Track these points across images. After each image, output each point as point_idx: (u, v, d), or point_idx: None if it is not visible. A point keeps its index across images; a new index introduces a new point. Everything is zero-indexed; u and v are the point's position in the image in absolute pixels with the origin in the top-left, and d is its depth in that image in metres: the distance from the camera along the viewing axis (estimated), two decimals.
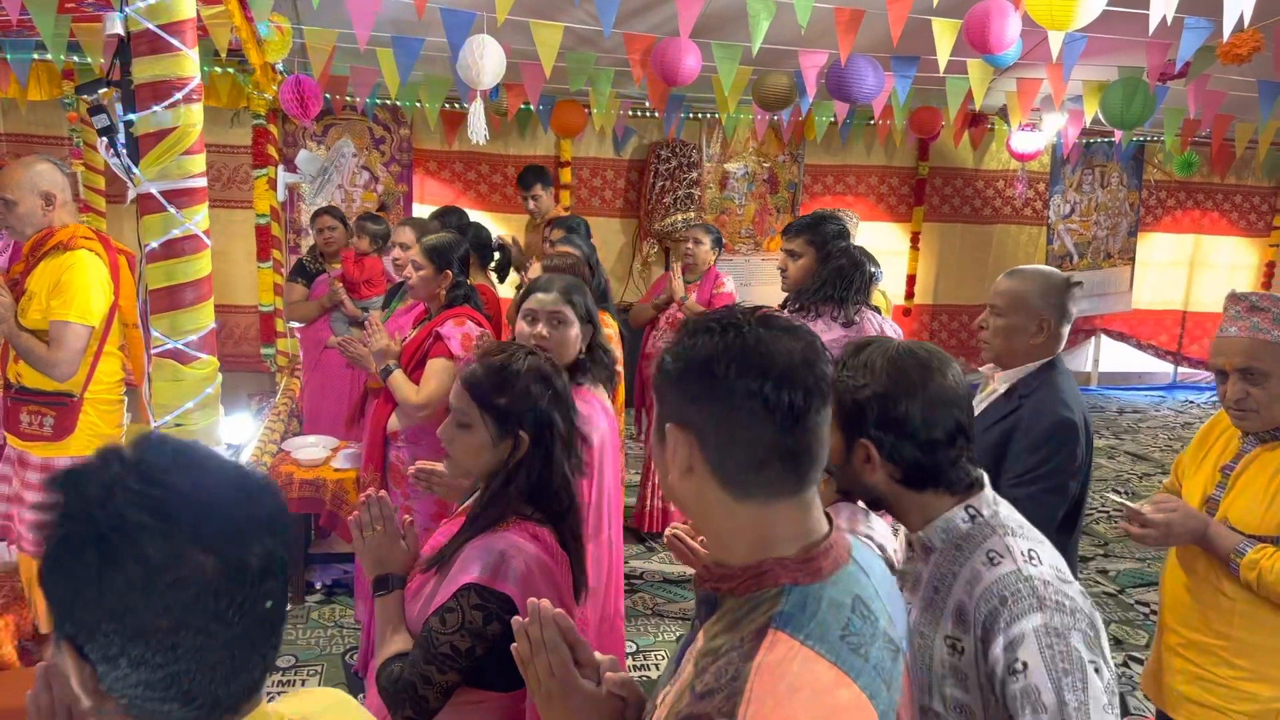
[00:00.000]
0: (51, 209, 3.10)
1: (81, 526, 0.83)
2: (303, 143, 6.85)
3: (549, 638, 1.23)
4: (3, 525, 3.25)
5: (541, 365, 1.85)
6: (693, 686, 1.00)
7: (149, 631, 0.83)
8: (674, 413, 1.07)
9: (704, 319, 1.09)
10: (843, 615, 1.03)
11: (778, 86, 5.48)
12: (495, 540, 1.72)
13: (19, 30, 5.07)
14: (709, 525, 1.09)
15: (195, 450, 0.91)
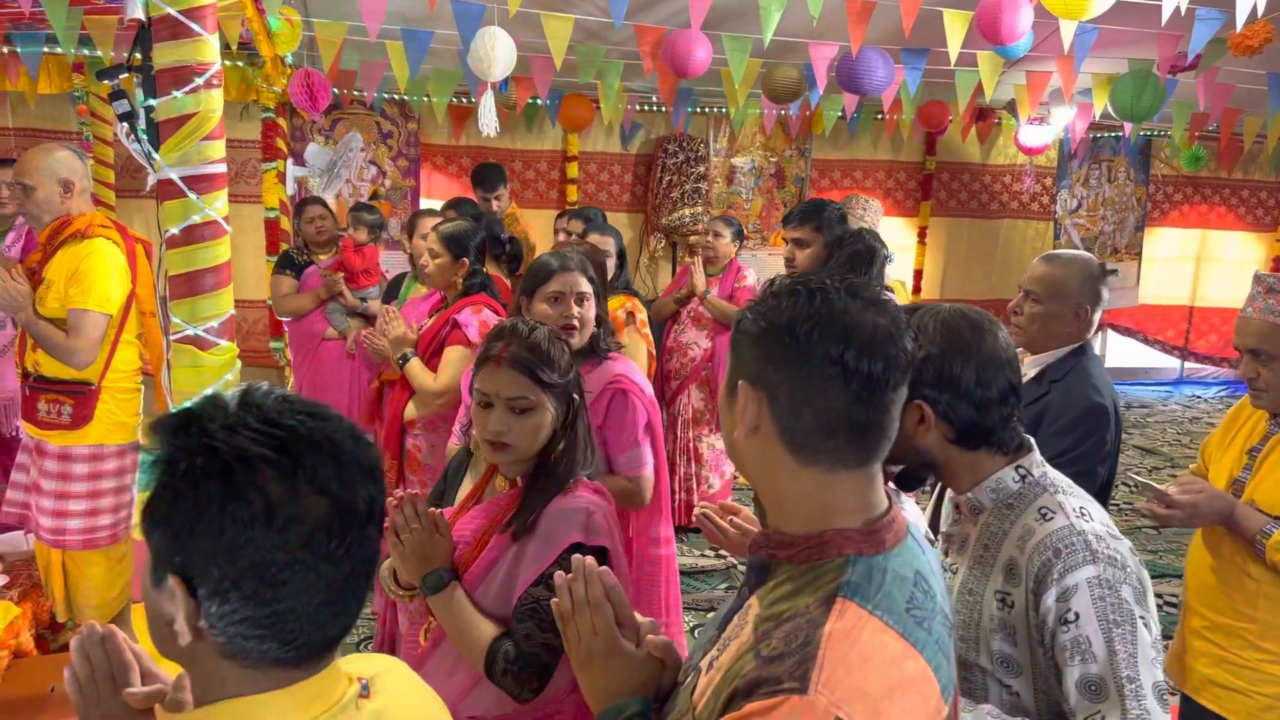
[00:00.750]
0: (69, 196, 3.10)
1: (206, 460, 0.86)
2: (310, 137, 6.85)
3: (593, 595, 1.24)
4: (21, 514, 3.25)
5: (552, 329, 1.95)
6: (757, 651, 0.99)
7: (263, 566, 0.86)
8: (747, 370, 1.07)
9: (791, 281, 1.09)
10: (906, 589, 1.03)
11: (787, 79, 5.48)
12: (573, 501, 1.81)
13: (29, 23, 5.07)
14: (770, 488, 1.09)
15: (300, 399, 0.95)
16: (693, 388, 5.00)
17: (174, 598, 0.88)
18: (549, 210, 7.45)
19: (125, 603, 3.38)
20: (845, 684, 0.92)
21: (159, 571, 0.89)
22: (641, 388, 2.56)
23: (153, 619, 0.93)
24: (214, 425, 0.88)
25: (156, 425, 0.90)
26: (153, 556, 0.90)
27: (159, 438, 0.89)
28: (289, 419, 0.90)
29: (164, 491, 0.88)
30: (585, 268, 2.53)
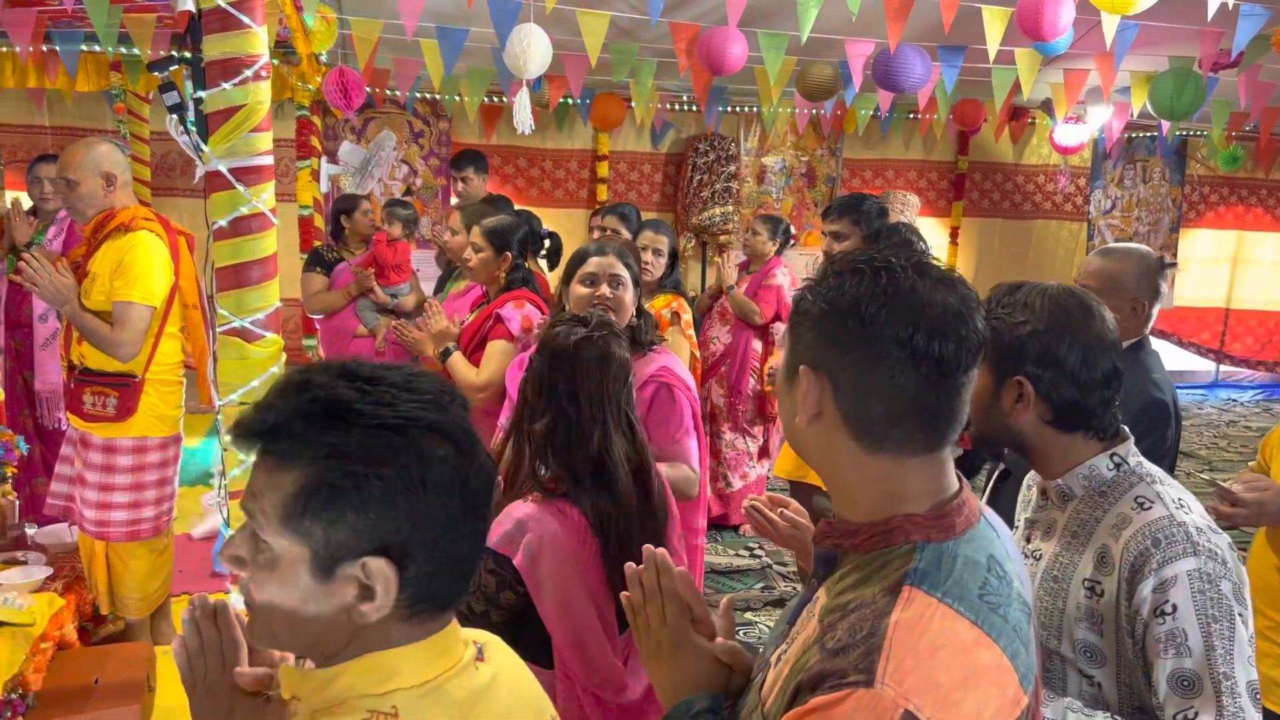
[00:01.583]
0: (112, 190, 3.12)
1: (387, 434, 0.89)
2: (343, 135, 6.88)
3: (665, 585, 1.21)
4: (65, 506, 3.27)
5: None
6: (822, 643, 0.96)
7: (446, 524, 0.92)
8: (808, 354, 1.02)
9: (853, 258, 1.03)
10: (979, 574, 0.98)
11: (822, 76, 5.45)
12: (514, 508, 1.75)
13: (68, 21, 5.11)
14: (834, 476, 1.06)
15: (391, 365, 0.99)
16: (713, 383, 4.97)
17: (378, 577, 0.90)
18: (579, 210, 7.47)
19: (166, 596, 3.39)
20: (914, 675, 0.88)
21: (338, 562, 0.90)
22: (686, 382, 2.54)
23: (286, 618, 0.93)
24: (367, 403, 0.90)
25: (287, 422, 0.90)
26: (332, 547, 0.90)
27: (303, 429, 0.89)
28: (421, 382, 0.95)
29: (349, 478, 0.88)
30: (624, 255, 2.53)
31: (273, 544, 0.91)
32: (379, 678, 0.93)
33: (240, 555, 0.95)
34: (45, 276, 2.97)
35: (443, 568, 0.93)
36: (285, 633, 0.95)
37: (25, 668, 2.61)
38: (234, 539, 0.95)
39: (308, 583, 0.91)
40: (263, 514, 0.91)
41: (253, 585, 0.94)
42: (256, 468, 0.93)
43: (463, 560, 0.96)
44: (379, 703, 0.92)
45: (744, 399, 4.94)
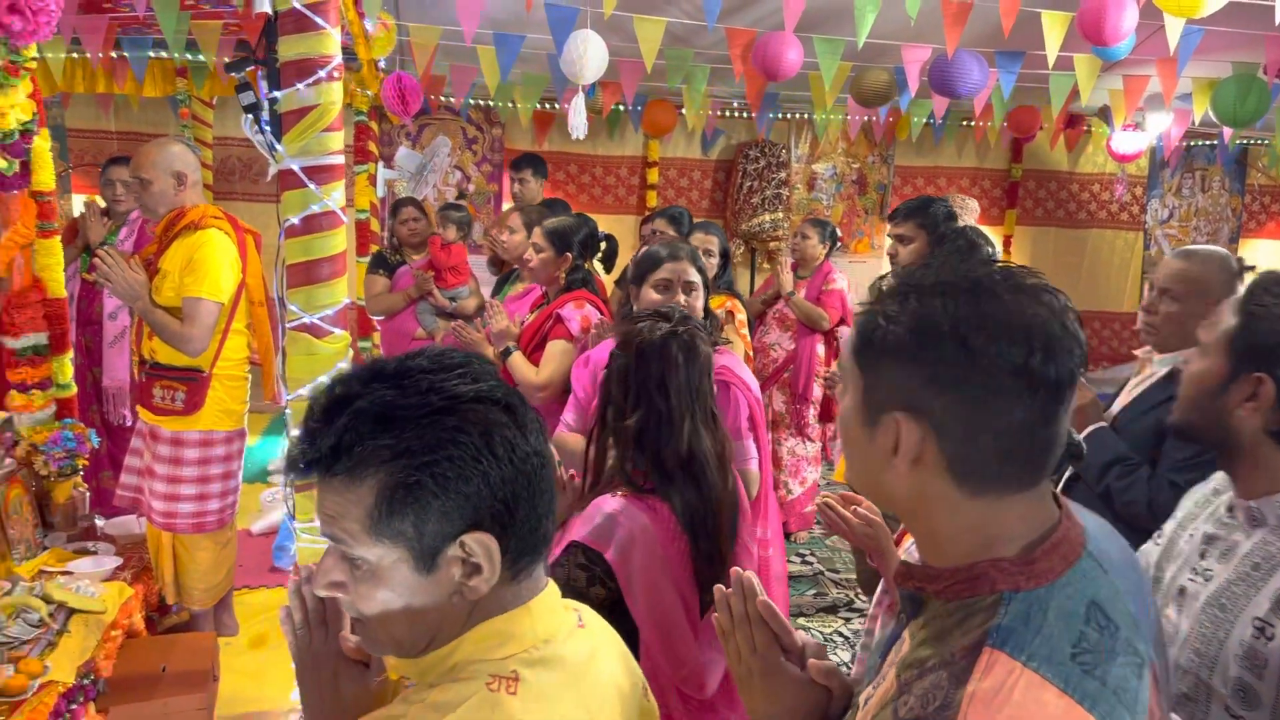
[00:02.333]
0: (183, 189, 3.19)
1: (450, 415, 0.92)
2: (399, 141, 6.97)
3: (752, 611, 1.16)
4: (134, 498, 3.35)
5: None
6: (895, 708, 0.88)
7: (521, 478, 0.94)
8: (899, 395, 0.90)
9: (931, 275, 0.92)
10: (1074, 627, 0.86)
11: (877, 82, 5.42)
12: (603, 502, 1.76)
13: (138, 28, 5.25)
14: (923, 523, 0.95)
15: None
16: (773, 390, 4.97)
17: (479, 550, 0.92)
18: (629, 216, 7.49)
19: (229, 588, 3.46)
20: None
21: (438, 551, 0.92)
22: (746, 382, 2.54)
23: (403, 620, 0.95)
24: (409, 396, 0.91)
25: (342, 441, 0.91)
26: (427, 539, 0.91)
27: (360, 443, 0.90)
28: (448, 358, 0.98)
29: (419, 470, 0.90)
30: (695, 258, 2.53)
31: (368, 557, 0.92)
32: (496, 644, 0.95)
33: (337, 580, 0.96)
34: (118, 273, 3.05)
35: (530, 520, 0.95)
36: (405, 634, 0.96)
37: (97, 654, 2.67)
38: (325, 566, 0.96)
39: (414, 579, 0.92)
40: (347, 533, 0.92)
41: (360, 603, 0.95)
42: (325, 491, 0.93)
43: (544, 506, 0.98)
44: (499, 667, 0.93)
45: (809, 405, 4.93)
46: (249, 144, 7.03)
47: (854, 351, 0.96)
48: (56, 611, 2.69)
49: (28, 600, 2.64)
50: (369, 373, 0.95)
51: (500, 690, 0.91)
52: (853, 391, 0.96)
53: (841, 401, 1.01)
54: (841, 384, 1.01)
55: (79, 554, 3.12)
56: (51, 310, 3.26)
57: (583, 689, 0.98)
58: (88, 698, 2.56)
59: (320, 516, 0.94)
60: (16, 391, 3.21)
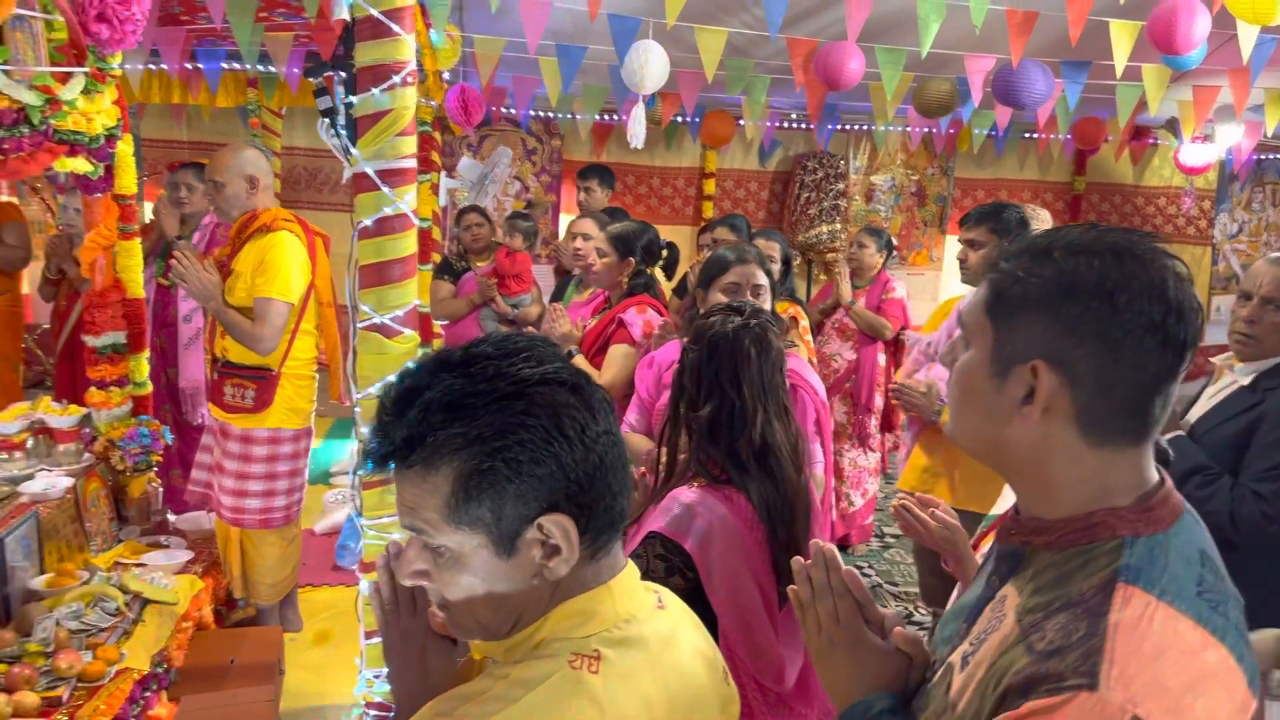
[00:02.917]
0: (255, 192, 3.28)
1: (519, 400, 0.93)
2: (460, 151, 7.08)
3: (835, 582, 1.16)
4: (204, 493, 3.44)
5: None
6: (1029, 644, 0.91)
7: (594, 458, 0.95)
8: (1038, 347, 0.95)
9: (1069, 236, 0.97)
10: (1193, 570, 0.93)
11: (939, 92, 5.39)
12: (679, 493, 1.77)
13: (212, 40, 5.41)
14: (1036, 474, 0.99)
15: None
16: (835, 400, 4.94)
17: (557, 532, 0.93)
18: (685, 226, 7.51)
19: (294, 585, 3.52)
20: (1140, 679, 0.84)
21: (516, 534, 0.94)
22: (813, 385, 2.54)
23: (487, 604, 0.96)
24: (477, 383, 0.93)
25: (415, 433, 0.92)
26: (505, 523, 0.93)
27: (433, 433, 0.92)
28: (512, 344, 0.99)
29: (493, 456, 0.91)
30: (762, 262, 2.55)
31: (449, 544, 0.94)
32: (578, 622, 0.96)
33: (420, 569, 0.98)
34: (193, 273, 3.14)
35: (604, 498, 0.96)
36: (491, 618, 0.97)
37: (169, 644, 2.74)
38: (409, 557, 0.98)
39: (495, 564, 0.94)
40: (427, 523, 0.94)
41: (445, 590, 0.97)
42: (401, 483, 0.95)
43: (617, 485, 0.99)
44: (580, 645, 0.95)
45: (871, 415, 4.90)
46: (315, 153, 7.23)
47: (985, 307, 1.01)
48: (132, 601, 2.77)
49: (106, 589, 2.71)
50: (436, 363, 0.96)
51: (582, 668, 0.92)
52: (980, 346, 1.01)
53: (962, 358, 1.05)
54: (961, 341, 1.06)
55: (152, 547, 3.20)
56: (130, 310, 3.36)
57: (663, 669, 0.99)
58: (160, 686, 2.63)
59: (400, 508, 0.96)
60: (96, 388, 3.32)
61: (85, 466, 3.13)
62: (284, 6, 4.67)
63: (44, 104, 2.57)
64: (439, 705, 0.94)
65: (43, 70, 2.62)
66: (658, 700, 0.97)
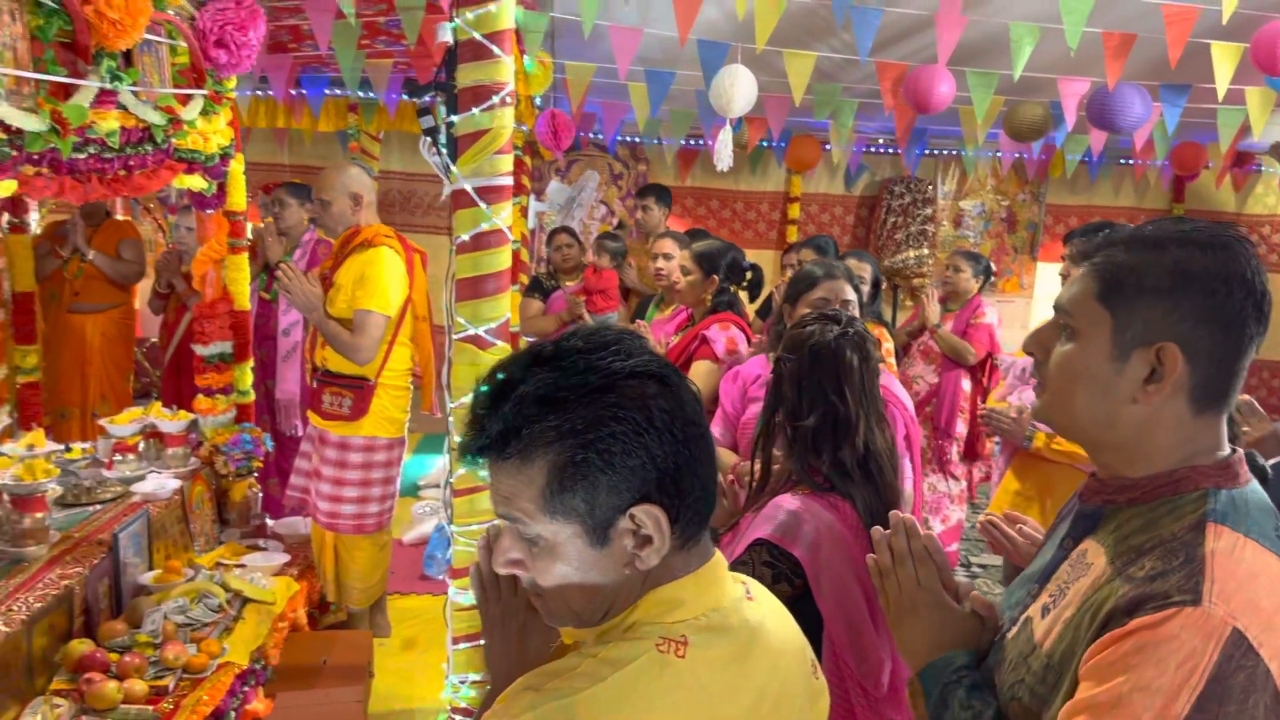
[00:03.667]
0: (359, 209, 3.42)
1: (610, 393, 0.94)
2: (548, 176, 7.22)
3: (916, 547, 1.26)
4: (301, 498, 3.56)
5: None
6: (1126, 575, 1.02)
7: (683, 448, 0.96)
8: (1163, 330, 1.05)
9: (1166, 227, 1.08)
10: (1271, 519, 1.05)
11: (1032, 116, 5.32)
12: (783, 500, 1.78)
13: (316, 67, 5.64)
14: (1143, 443, 1.09)
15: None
16: None
17: (648, 522, 0.95)
18: (768, 251, 7.53)
19: (383, 591, 3.62)
20: (1238, 596, 0.95)
21: (609, 524, 0.95)
22: (902, 401, 2.53)
23: (580, 593, 0.98)
24: (569, 377, 0.95)
25: (511, 425, 0.94)
26: (598, 512, 0.95)
27: (528, 425, 0.94)
28: (601, 337, 1.00)
29: (586, 448, 0.93)
30: (850, 277, 2.56)
31: (544, 533, 0.96)
32: (667, 609, 0.98)
33: (516, 557, 1.00)
34: (298, 286, 3.28)
35: (694, 489, 0.98)
36: (584, 605, 1.00)
37: (267, 642, 2.85)
38: (504, 545, 1.01)
39: (589, 553, 0.96)
40: (523, 512, 0.96)
41: (539, 578, 0.99)
42: (497, 474, 0.98)
43: (706, 476, 1.00)
44: (669, 630, 0.96)
45: (951, 440, 4.83)
46: (409, 177, 7.44)
47: (1099, 295, 1.10)
48: (233, 599, 2.88)
49: (209, 587, 2.83)
50: (528, 358, 0.98)
51: (669, 652, 0.94)
52: (1096, 333, 1.10)
53: (1069, 346, 1.13)
54: (1065, 329, 1.14)
55: (250, 549, 3.33)
56: (236, 321, 3.52)
57: (751, 658, 1.00)
58: (258, 681, 2.73)
59: (496, 499, 0.99)
60: (203, 395, 3.48)
61: (192, 470, 3.28)
62: (385, 34, 4.86)
63: (167, 123, 2.73)
64: (529, 679, 0.96)
65: (166, 92, 2.78)
66: (744, 688, 0.98)
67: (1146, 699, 0.94)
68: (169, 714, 2.30)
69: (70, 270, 4.70)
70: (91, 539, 2.71)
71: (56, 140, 2.18)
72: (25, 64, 2.11)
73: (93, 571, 2.59)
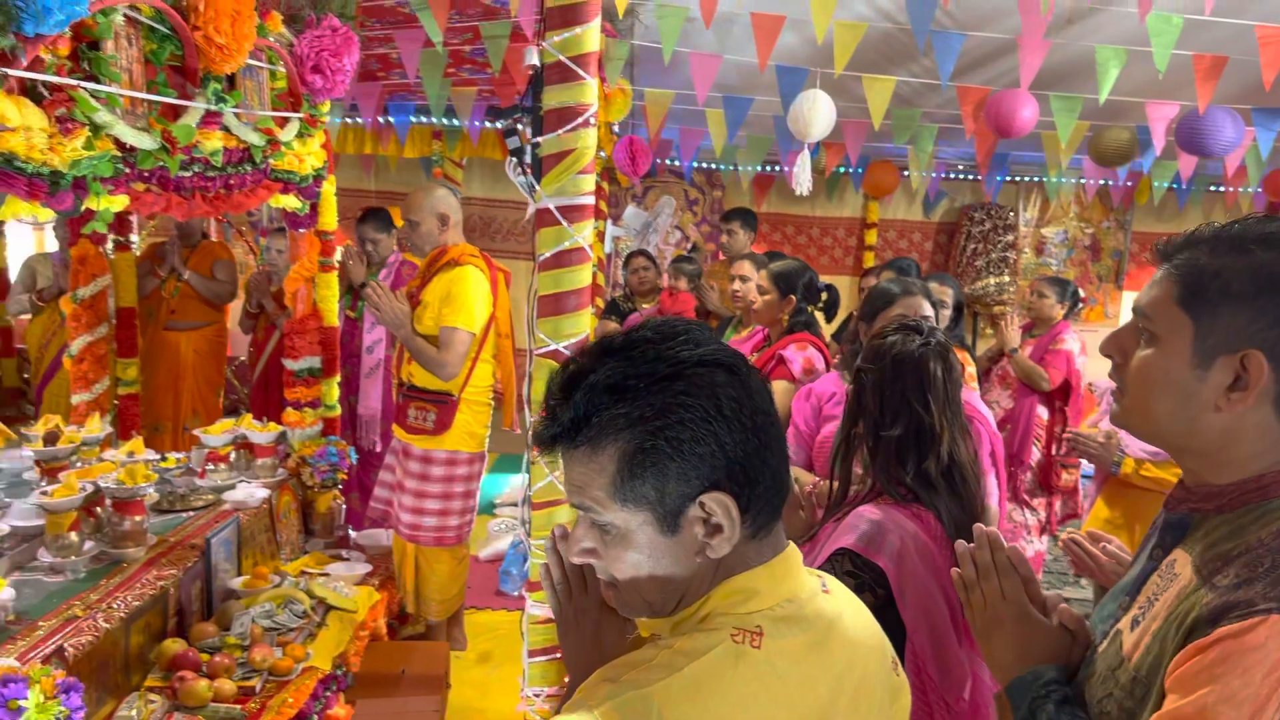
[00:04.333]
0: (446, 229, 3.52)
1: (679, 381, 0.95)
2: (625, 201, 7.31)
3: (1000, 560, 1.24)
4: (384, 510, 3.65)
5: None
6: (1211, 585, 1.00)
7: (752, 437, 0.97)
8: (1249, 336, 1.03)
9: (1248, 228, 1.05)
10: None
11: (1118, 141, 5.23)
12: (866, 510, 1.78)
13: (403, 94, 5.82)
14: (1226, 450, 1.07)
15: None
16: None
17: (718, 509, 0.95)
18: (845, 277, 7.49)
19: (461, 604, 3.67)
20: None
21: (679, 512, 0.96)
22: (986, 417, 2.50)
23: (653, 582, 0.99)
24: (639, 366, 0.96)
25: (583, 415, 0.96)
26: (669, 500, 0.95)
27: (599, 414, 0.95)
28: (670, 328, 1.02)
29: (655, 435, 0.94)
30: (928, 294, 2.54)
31: (616, 521, 0.98)
32: (741, 599, 0.98)
33: (589, 546, 1.02)
34: (386, 303, 3.37)
35: (764, 478, 0.98)
36: (657, 595, 1.01)
37: (348, 649, 2.91)
38: (577, 535, 1.03)
39: (660, 541, 0.97)
40: (595, 501, 0.98)
41: (612, 566, 1.01)
42: (571, 464, 0.99)
43: (777, 465, 1.00)
44: (743, 621, 0.97)
45: (1025, 468, 4.72)
46: (490, 203, 7.58)
47: (1179, 300, 1.07)
48: (317, 606, 2.95)
49: (295, 593, 2.91)
50: (599, 349, 1.00)
51: (744, 643, 0.95)
52: (1176, 339, 1.07)
53: (1148, 352, 1.11)
54: (1144, 333, 1.11)
55: (333, 559, 3.40)
56: (325, 337, 3.63)
57: (827, 649, 1.00)
58: (340, 687, 2.78)
59: (568, 488, 1.01)
60: (291, 409, 3.58)
61: (279, 480, 3.37)
62: (470, 63, 5.00)
63: (265, 144, 2.84)
64: (607, 671, 0.97)
65: (265, 114, 2.90)
66: (821, 679, 0.98)
67: (1232, 711, 0.91)
68: (255, 714, 2.36)
69: (167, 289, 4.90)
70: (185, 543, 2.81)
71: (165, 158, 2.29)
72: (140, 86, 2.23)
73: (186, 574, 2.68)
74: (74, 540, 2.51)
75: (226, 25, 2.37)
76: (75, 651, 2.13)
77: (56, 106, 1.91)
